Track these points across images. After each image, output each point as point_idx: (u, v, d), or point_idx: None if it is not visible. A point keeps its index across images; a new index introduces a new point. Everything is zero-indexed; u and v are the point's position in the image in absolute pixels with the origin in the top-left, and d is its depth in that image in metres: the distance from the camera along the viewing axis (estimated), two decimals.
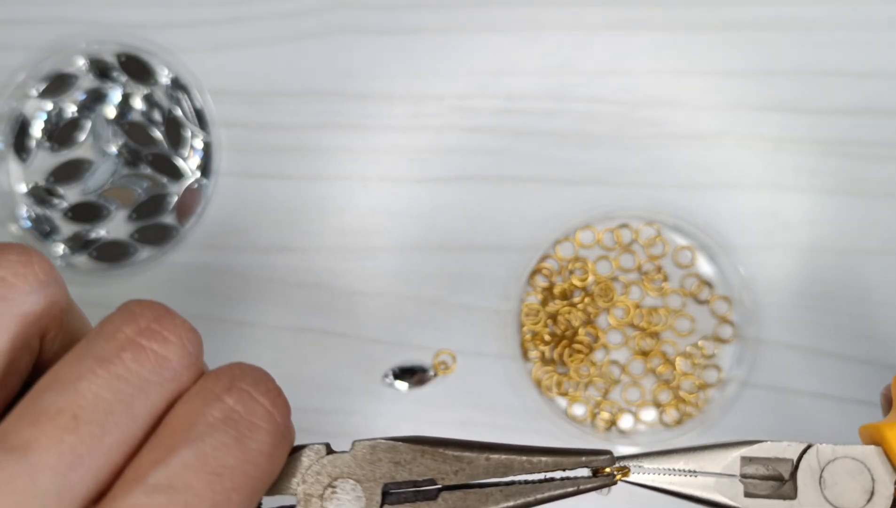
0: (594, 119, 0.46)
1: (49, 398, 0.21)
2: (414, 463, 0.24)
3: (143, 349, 0.22)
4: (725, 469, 0.24)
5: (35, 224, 0.47)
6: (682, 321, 0.44)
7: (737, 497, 0.24)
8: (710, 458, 0.24)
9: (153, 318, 0.22)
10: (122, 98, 0.47)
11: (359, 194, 0.46)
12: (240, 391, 0.22)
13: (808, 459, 0.24)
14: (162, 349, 0.22)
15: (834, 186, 0.45)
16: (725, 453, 0.24)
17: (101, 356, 0.21)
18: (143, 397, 0.21)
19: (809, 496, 0.24)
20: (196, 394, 0.22)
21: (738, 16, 0.46)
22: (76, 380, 0.21)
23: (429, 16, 0.47)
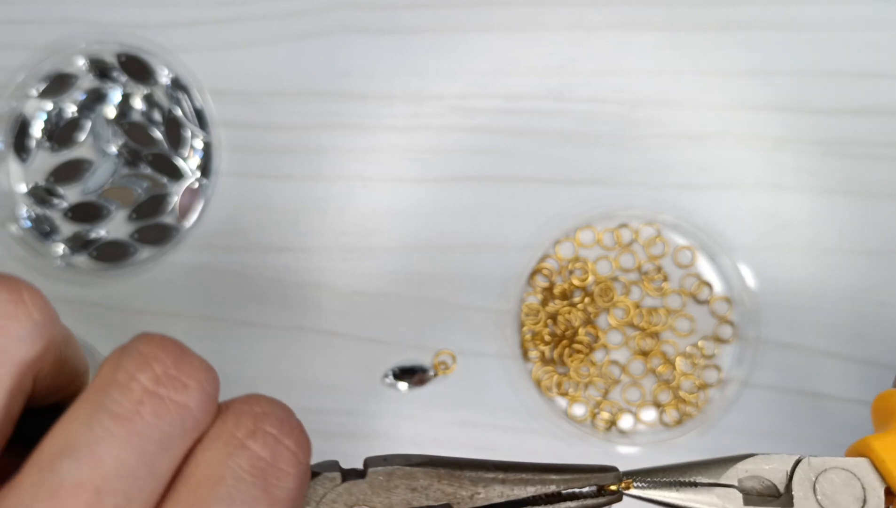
0: (594, 119, 0.46)
1: (66, 468, 0.18)
2: (430, 489, 0.24)
3: (162, 401, 0.20)
4: (727, 479, 0.25)
5: (35, 224, 0.47)
6: (682, 321, 0.44)
7: (737, 505, 0.25)
8: (709, 473, 0.25)
9: (171, 363, 0.20)
10: (122, 98, 0.47)
11: (359, 194, 0.46)
12: (265, 434, 0.21)
13: (800, 471, 0.25)
14: (182, 397, 0.20)
15: (834, 187, 0.45)
16: (724, 467, 0.25)
17: (118, 414, 0.19)
18: (166, 453, 0.20)
19: (805, 505, 0.25)
20: (218, 440, 0.21)
21: (738, 16, 0.46)
22: (93, 444, 0.19)
23: (429, 16, 0.47)
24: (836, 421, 0.43)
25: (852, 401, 0.43)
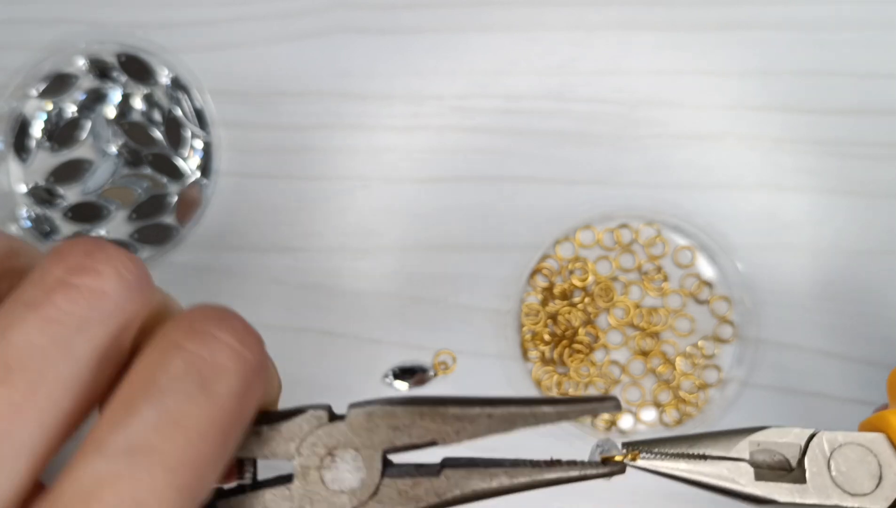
0: (594, 119, 0.46)
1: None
2: (413, 427, 0.23)
3: (74, 288, 0.20)
4: (737, 453, 0.24)
5: (35, 224, 0.47)
6: (682, 321, 0.44)
7: (747, 482, 0.24)
8: (719, 445, 0.24)
9: (83, 253, 0.21)
10: (122, 98, 0.47)
11: (359, 194, 0.46)
12: (202, 334, 0.21)
13: (814, 445, 0.24)
14: (96, 282, 0.20)
15: (834, 187, 0.45)
16: (734, 439, 0.24)
17: (31, 302, 0.20)
18: (82, 337, 0.20)
19: (818, 480, 0.24)
20: (155, 345, 0.21)
21: (738, 16, 0.46)
22: (5, 329, 0.19)
23: (429, 16, 0.47)
24: (835, 421, 0.43)
25: (852, 401, 0.43)
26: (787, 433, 0.25)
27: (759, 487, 0.24)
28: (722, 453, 0.24)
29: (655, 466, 0.24)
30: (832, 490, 0.24)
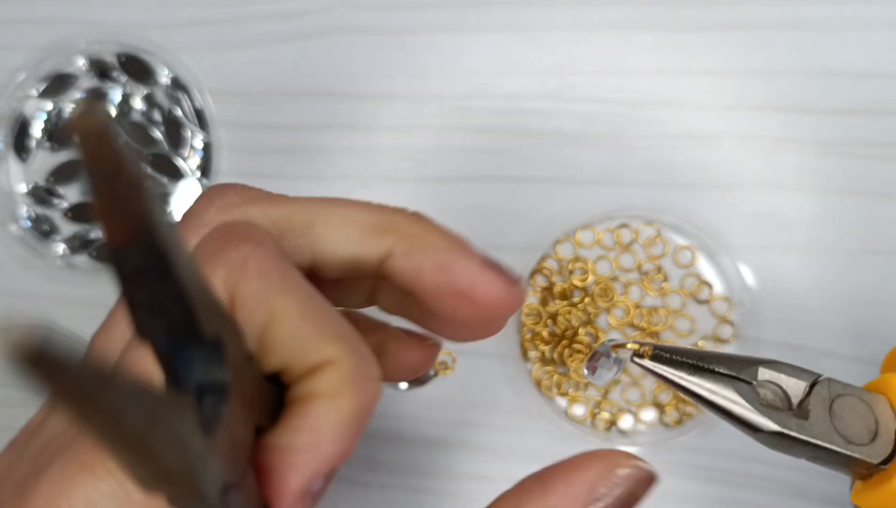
0: (594, 119, 0.46)
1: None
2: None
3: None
4: (747, 375, 0.24)
5: (35, 224, 0.47)
6: (682, 321, 0.44)
7: (753, 407, 0.23)
8: (731, 366, 0.24)
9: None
10: (122, 98, 0.47)
11: (359, 194, 0.46)
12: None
13: (819, 389, 0.24)
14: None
15: (834, 186, 0.45)
16: (744, 366, 0.24)
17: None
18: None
19: (820, 421, 0.24)
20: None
21: (738, 16, 0.46)
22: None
23: (429, 16, 0.47)
24: None
25: None
26: (794, 371, 0.24)
27: (764, 415, 0.23)
28: (732, 373, 0.24)
29: (664, 371, 0.23)
30: (832, 432, 0.24)
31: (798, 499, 0.42)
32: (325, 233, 0.23)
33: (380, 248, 0.23)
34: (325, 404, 0.19)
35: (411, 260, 0.23)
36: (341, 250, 0.22)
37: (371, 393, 0.21)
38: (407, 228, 0.23)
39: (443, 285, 0.23)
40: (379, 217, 0.23)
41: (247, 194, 0.23)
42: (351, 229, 0.23)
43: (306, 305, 0.20)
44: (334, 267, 0.23)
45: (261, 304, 0.19)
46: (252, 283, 0.20)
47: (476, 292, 0.23)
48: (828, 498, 0.42)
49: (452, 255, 0.23)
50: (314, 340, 0.20)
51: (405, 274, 0.23)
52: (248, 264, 0.20)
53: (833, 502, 0.42)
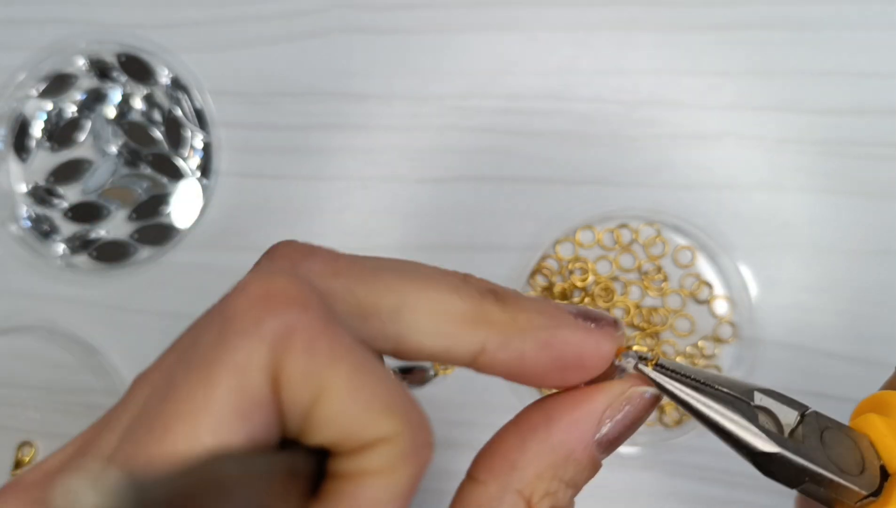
0: (594, 119, 0.46)
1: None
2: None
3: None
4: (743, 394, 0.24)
5: (35, 224, 0.47)
6: (682, 320, 0.44)
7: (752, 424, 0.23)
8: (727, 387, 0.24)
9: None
10: (122, 98, 0.47)
11: (359, 194, 0.46)
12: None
13: (808, 419, 0.24)
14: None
15: (834, 187, 0.45)
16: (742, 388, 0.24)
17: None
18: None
19: (814, 448, 0.24)
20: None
21: (738, 16, 0.46)
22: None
23: (428, 16, 0.47)
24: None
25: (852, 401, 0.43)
26: (785, 400, 0.24)
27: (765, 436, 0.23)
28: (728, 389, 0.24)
29: (668, 383, 0.23)
30: (827, 461, 0.24)
31: None
32: (413, 321, 0.21)
33: (473, 345, 0.21)
34: (381, 481, 0.18)
35: (510, 351, 0.21)
36: (429, 343, 0.21)
37: (425, 461, 0.19)
38: (497, 316, 0.21)
39: (548, 364, 0.22)
40: (468, 306, 0.21)
41: (333, 265, 0.21)
42: (440, 321, 0.21)
43: (357, 377, 0.18)
44: (419, 357, 0.21)
45: (309, 381, 0.18)
46: (300, 360, 0.18)
47: (585, 360, 0.22)
48: None
49: (551, 331, 0.22)
50: (367, 416, 0.18)
51: (506, 366, 0.22)
52: (293, 337, 0.18)
53: None
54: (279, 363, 0.18)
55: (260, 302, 0.18)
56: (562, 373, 0.22)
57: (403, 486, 0.19)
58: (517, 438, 0.22)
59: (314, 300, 0.18)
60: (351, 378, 0.18)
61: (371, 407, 0.18)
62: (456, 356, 0.21)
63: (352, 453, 0.18)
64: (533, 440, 0.22)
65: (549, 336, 0.22)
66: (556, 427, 0.22)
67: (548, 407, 0.22)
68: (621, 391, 0.22)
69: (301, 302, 0.18)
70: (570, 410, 0.22)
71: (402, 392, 0.19)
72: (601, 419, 0.22)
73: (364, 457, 0.18)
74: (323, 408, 0.18)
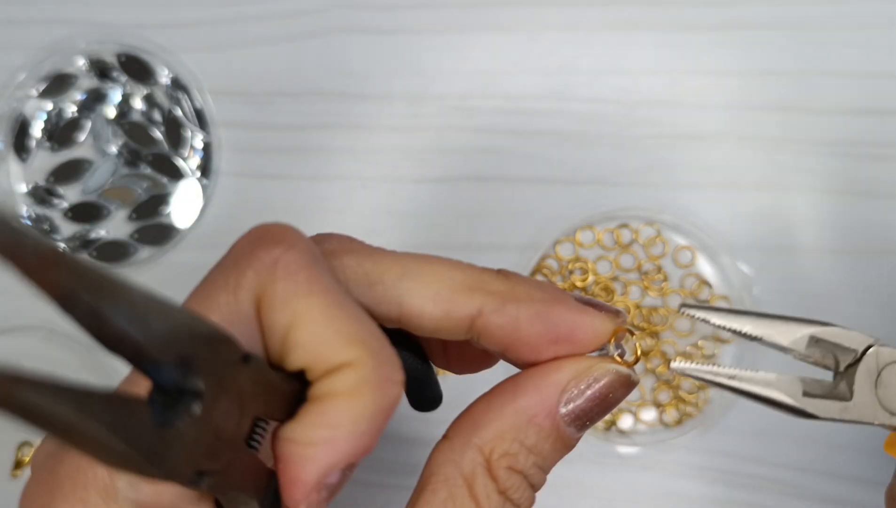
0: (594, 119, 0.46)
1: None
2: None
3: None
4: (792, 343, 0.24)
5: (35, 224, 0.47)
6: (682, 320, 0.44)
7: (795, 396, 0.24)
8: (778, 329, 0.24)
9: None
10: (122, 98, 0.47)
11: (359, 194, 0.46)
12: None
13: (868, 357, 0.25)
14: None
15: (834, 187, 0.45)
16: (795, 328, 0.25)
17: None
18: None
19: (864, 395, 0.24)
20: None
21: (738, 16, 0.46)
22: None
23: (429, 16, 0.47)
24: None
25: None
26: (848, 335, 0.25)
27: (806, 403, 0.24)
28: (782, 339, 0.24)
29: (701, 373, 0.24)
30: (875, 406, 0.24)
31: (798, 499, 0.42)
32: (414, 287, 0.23)
33: (470, 306, 0.23)
34: (343, 402, 0.20)
35: (505, 315, 0.23)
36: (429, 306, 0.23)
37: (391, 395, 0.21)
38: (496, 285, 0.23)
39: (542, 333, 0.23)
40: (467, 274, 0.23)
41: (346, 245, 0.24)
42: (440, 286, 0.23)
43: (330, 307, 0.20)
44: (421, 323, 0.23)
45: (285, 306, 0.20)
46: (278, 285, 0.20)
47: (577, 333, 0.23)
48: (828, 498, 0.42)
49: (548, 303, 0.23)
50: (335, 342, 0.20)
51: (500, 329, 0.23)
52: (276, 267, 0.21)
53: (833, 502, 0.42)
54: (262, 286, 0.21)
55: (255, 239, 0.22)
56: (553, 345, 0.23)
57: (366, 411, 0.20)
58: (485, 402, 0.24)
59: (301, 242, 0.21)
60: (324, 308, 0.20)
61: (339, 335, 0.20)
62: (455, 319, 0.23)
63: (322, 377, 0.20)
64: (498, 404, 0.23)
65: (544, 308, 0.23)
66: (522, 393, 0.23)
67: (517, 378, 0.24)
68: (589, 366, 0.23)
69: (289, 242, 0.21)
70: (537, 378, 0.23)
71: (372, 330, 0.21)
72: (565, 387, 0.23)
73: (332, 380, 0.20)
74: (297, 331, 0.20)
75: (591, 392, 0.23)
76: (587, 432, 0.44)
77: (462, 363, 0.27)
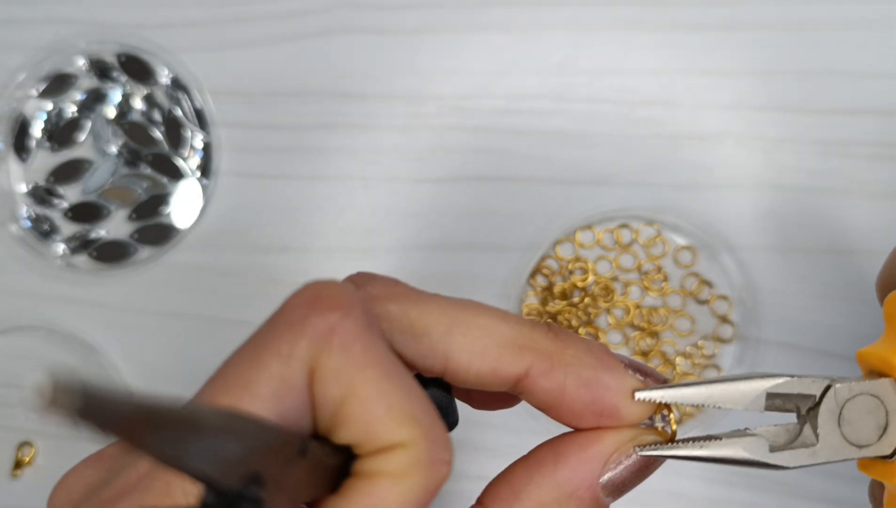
0: (594, 119, 0.46)
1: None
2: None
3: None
4: (751, 404, 0.25)
5: (35, 224, 0.47)
6: (682, 320, 0.44)
7: (763, 453, 0.24)
8: (734, 394, 0.25)
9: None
10: (122, 98, 0.47)
11: (359, 194, 0.46)
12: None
13: (827, 399, 0.25)
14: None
15: (834, 187, 0.45)
16: (750, 387, 0.25)
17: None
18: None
19: (829, 437, 0.24)
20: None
21: (738, 16, 0.46)
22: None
23: (429, 16, 0.47)
24: None
25: None
26: (804, 383, 0.25)
27: (775, 458, 0.24)
28: (737, 405, 0.25)
29: (672, 452, 0.24)
30: (842, 445, 0.25)
31: (798, 499, 0.42)
32: (461, 342, 0.22)
33: (518, 366, 0.22)
34: (391, 483, 0.20)
35: (552, 380, 0.22)
36: (476, 363, 0.22)
37: (440, 476, 0.20)
38: (546, 345, 0.22)
39: (587, 404, 0.22)
40: (517, 331, 0.22)
41: (391, 289, 0.23)
42: (489, 342, 0.22)
43: (385, 383, 0.20)
44: (467, 378, 0.22)
45: (339, 380, 0.20)
46: (334, 357, 0.20)
47: (621, 412, 0.23)
48: (828, 498, 0.42)
49: (597, 371, 0.22)
50: (388, 420, 0.20)
51: (546, 394, 0.22)
52: (332, 336, 0.20)
53: (833, 502, 0.42)
54: (317, 357, 0.20)
55: (309, 302, 0.20)
56: (596, 417, 0.23)
57: (415, 493, 0.20)
58: (525, 470, 0.23)
59: (357, 308, 0.20)
60: (378, 383, 0.20)
61: (393, 412, 0.20)
62: (501, 376, 0.22)
63: (371, 454, 0.20)
64: (539, 474, 0.23)
65: (593, 377, 0.22)
66: (563, 464, 0.23)
67: (558, 445, 0.23)
68: (632, 438, 0.23)
69: (345, 307, 0.20)
70: (579, 449, 0.23)
71: (426, 407, 0.20)
72: (608, 461, 0.23)
73: (381, 459, 0.20)
74: (349, 407, 0.19)
75: (633, 466, 0.23)
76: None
77: (484, 402, 0.26)
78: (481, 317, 0.22)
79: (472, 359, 0.22)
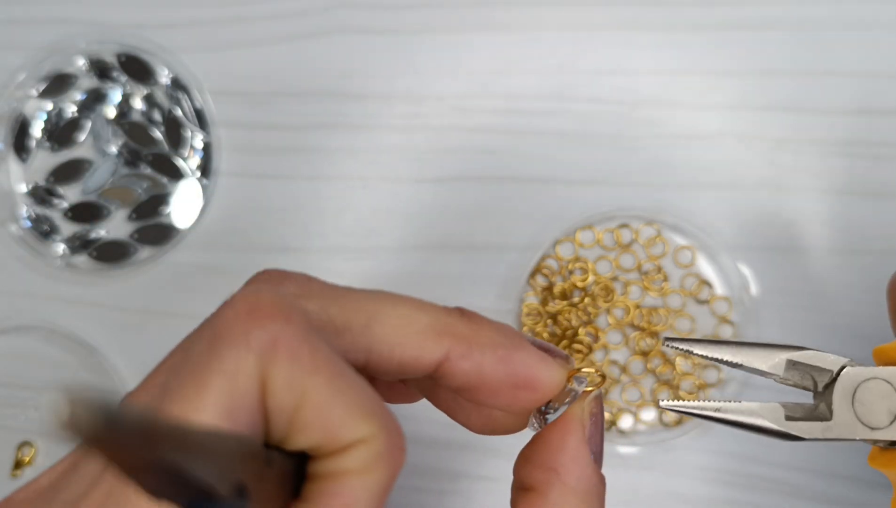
0: (594, 119, 0.46)
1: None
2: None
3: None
4: (771, 368, 0.26)
5: (35, 224, 0.47)
6: (682, 321, 0.44)
7: (779, 420, 0.25)
8: (757, 355, 0.26)
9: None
10: (122, 98, 0.47)
11: (359, 194, 0.46)
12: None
13: (844, 376, 0.26)
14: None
15: (835, 186, 0.45)
16: (773, 353, 0.26)
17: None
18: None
19: (843, 414, 0.25)
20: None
21: (738, 16, 0.46)
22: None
23: (428, 15, 0.47)
24: None
25: None
26: (824, 357, 0.26)
27: (789, 426, 0.25)
28: (760, 364, 0.26)
29: (689, 409, 0.25)
30: (854, 424, 0.25)
31: (798, 499, 0.42)
32: (382, 333, 0.22)
33: (438, 352, 0.23)
34: (358, 479, 0.20)
35: (471, 361, 0.23)
36: (398, 352, 0.23)
37: (399, 463, 0.21)
38: (461, 328, 0.23)
39: (504, 378, 0.24)
40: (435, 318, 0.23)
41: (306, 288, 0.23)
42: (408, 331, 0.23)
43: (337, 383, 0.20)
44: (389, 369, 0.23)
45: (292, 389, 0.19)
46: (284, 368, 0.19)
47: (538, 381, 0.24)
48: (828, 498, 0.42)
49: (509, 349, 0.24)
50: (346, 420, 0.20)
51: (466, 375, 0.23)
52: (278, 347, 0.19)
53: (833, 502, 0.42)
54: (266, 371, 0.19)
55: (247, 316, 0.20)
56: (514, 390, 0.24)
57: (380, 485, 0.20)
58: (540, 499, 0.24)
59: (296, 314, 0.20)
60: (331, 385, 0.20)
61: (350, 411, 0.20)
62: (423, 363, 0.23)
63: (332, 454, 0.20)
64: (552, 492, 0.24)
65: (508, 354, 0.24)
66: (565, 471, 0.24)
67: (541, 460, 0.24)
68: (582, 410, 0.24)
69: (284, 316, 0.20)
70: (562, 450, 0.24)
71: (377, 399, 0.21)
72: (588, 442, 0.24)
73: (344, 458, 0.20)
74: (305, 412, 0.19)
75: (597, 428, 0.25)
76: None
77: (386, 397, 0.27)
78: (399, 307, 0.23)
79: (394, 349, 0.22)
